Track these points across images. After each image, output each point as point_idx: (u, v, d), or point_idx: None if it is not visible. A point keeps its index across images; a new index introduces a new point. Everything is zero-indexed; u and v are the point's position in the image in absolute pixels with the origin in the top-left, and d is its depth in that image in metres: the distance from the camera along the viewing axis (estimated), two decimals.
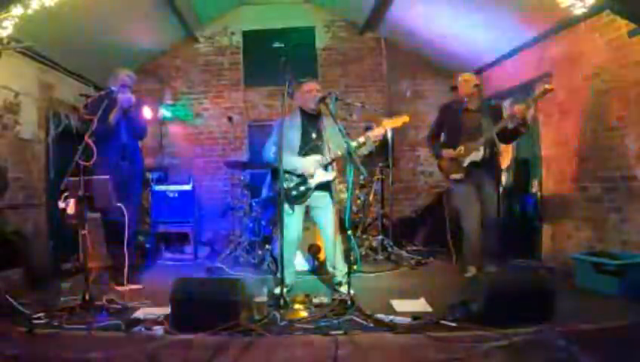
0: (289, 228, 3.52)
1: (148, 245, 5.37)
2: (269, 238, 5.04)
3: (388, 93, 6.72)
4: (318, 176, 3.56)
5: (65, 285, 3.85)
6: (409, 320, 2.85)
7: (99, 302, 3.17)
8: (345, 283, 3.36)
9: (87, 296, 3.13)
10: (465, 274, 4.10)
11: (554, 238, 4.70)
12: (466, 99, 4.18)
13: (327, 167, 3.61)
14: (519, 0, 4.33)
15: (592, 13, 3.74)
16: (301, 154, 3.60)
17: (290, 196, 3.56)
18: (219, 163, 6.56)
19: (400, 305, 3.24)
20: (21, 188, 4.60)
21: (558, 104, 4.57)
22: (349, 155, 3.23)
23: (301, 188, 3.57)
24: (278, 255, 3.53)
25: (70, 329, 2.72)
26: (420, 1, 5.36)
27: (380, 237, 5.24)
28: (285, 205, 3.48)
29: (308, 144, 3.61)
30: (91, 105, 3.67)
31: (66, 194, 3.29)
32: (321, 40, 6.92)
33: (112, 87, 3.94)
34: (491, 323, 2.56)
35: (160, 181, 5.84)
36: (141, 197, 4.40)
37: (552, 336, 2.40)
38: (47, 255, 4.28)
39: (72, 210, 3.26)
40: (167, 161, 6.74)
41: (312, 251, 4.48)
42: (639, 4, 3.28)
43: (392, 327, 2.72)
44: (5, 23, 3.41)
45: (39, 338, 2.59)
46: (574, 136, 4.37)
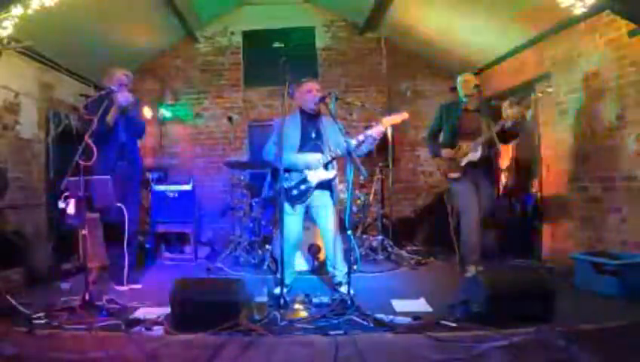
0: (289, 228, 3.52)
1: (148, 245, 5.37)
2: (269, 238, 5.04)
3: (388, 93, 6.71)
4: (318, 174, 3.56)
5: (65, 285, 3.85)
6: (409, 320, 2.85)
7: (99, 302, 3.17)
8: (345, 283, 3.35)
9: (87, 296, 3.13)
10: (465, 274, 4.10)
11: (554, 238, 4.71)
12: (466, 99, 4.19)
13: (327, 166, 3.60)
14: (519, 0, 4.33)
15: (592, 13, 3.75)
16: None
17: (291, 195, 3.56)
18: (219, 163, 6.56)
19: (400, 305, 3.24)
20: (21, 188, 4.61)
21: (558, 104, 4.57)
22: (348, 155, 3.23)
23: (302, 187, 3.56)
24: (278, 255, 3.52)
25: (70, 329, 2.71)
26: (420, 2, 5.36)
27: (380, 237, 5.24)
28: (286, 205, 3.48)
29: (307, 144, 3.60)
30: (91, 105, 3.66)
31: (66, 194, 3.29)
32: (321, 40, 6.92)
33: (112, 87, 3.93)
34: (491, 323, 2.56)
35: (160, 181, 5.83)
36: (140, 197, 4.40)
37: (552, 336, 2.40)
38: (47, 255, 4.28)
39: (72, 210, 3.26)
40: (167, 161, 6.74)
41: (312, 251, 4.46)
42: (639, 4, 3.29)
43: (392, 327, 2.72)
44: (5, 23, 3.41)
45: (39, 339, 2.59)
46: (574, 136, 4.38)
